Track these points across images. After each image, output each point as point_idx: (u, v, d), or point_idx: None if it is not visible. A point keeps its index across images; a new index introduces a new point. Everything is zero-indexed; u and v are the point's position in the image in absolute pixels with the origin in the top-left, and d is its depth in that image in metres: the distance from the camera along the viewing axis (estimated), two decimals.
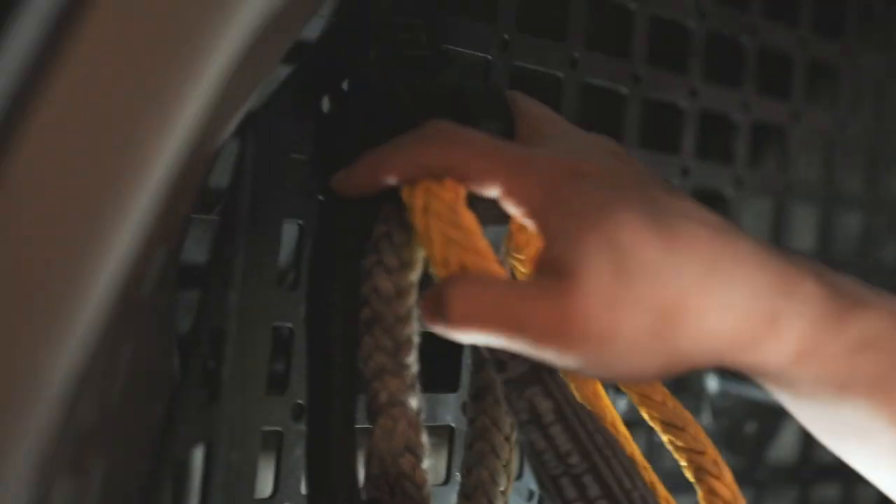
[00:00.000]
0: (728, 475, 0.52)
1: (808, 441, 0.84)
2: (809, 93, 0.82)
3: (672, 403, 0.51)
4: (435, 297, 0.43)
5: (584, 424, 0.44)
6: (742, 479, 0.80)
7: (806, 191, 0.82)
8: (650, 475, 0.53)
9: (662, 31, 0.71)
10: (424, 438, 0.47)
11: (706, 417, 0.76)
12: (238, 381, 0.49)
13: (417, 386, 0.47)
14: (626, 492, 0.43)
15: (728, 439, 0.78)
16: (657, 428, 0.52)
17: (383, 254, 0.47)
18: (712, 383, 0.76)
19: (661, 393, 0.52)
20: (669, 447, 0.52)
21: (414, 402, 0.47)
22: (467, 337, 0.43)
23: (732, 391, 0.76)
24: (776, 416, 0.80)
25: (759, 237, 0.74)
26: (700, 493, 0.52)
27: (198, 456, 0.48)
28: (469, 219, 0.45)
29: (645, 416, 0.52)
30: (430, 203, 0.45)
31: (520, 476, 0.62)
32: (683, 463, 0.53)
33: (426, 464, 0.46)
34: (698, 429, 0.52)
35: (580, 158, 0.45)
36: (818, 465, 0.85)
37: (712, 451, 0.52)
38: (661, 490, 0.53)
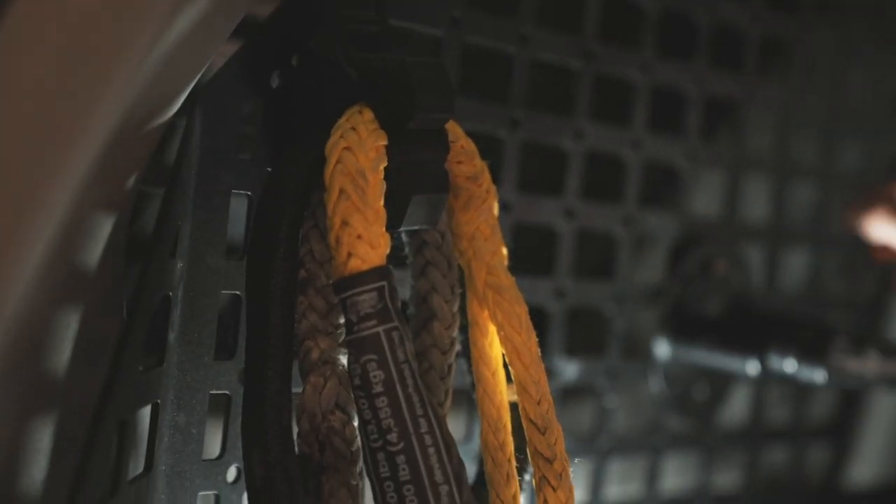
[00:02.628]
0: (567, 490, 0.52)
1: (758, 406, 0.87)
2: (763, 67, 0.83)
3: (546, 406, 0.52)
4: None
5: (411, 405, 0.46)
6: (692, 444, 0.83)
7: (759, 164, 0.84)
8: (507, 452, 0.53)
9: (614, 7, 0.72)
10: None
11: (656, 383, 0.78)
12: (185, 346, 0.51)
13: None
14: (434, 484, 0.45)
15: (678, 405, 0.80)
16: (524, 424, 0.52)
17: (319, 219, 0.50)
18: (662, 349, 0.78)
19: (539, 392, 0.53)
20: (529, 450, 0.52)
21: (345, 361, 0.49)
22: None
23: (683, 357, 0.78)
24: (726, 381, 0.83)
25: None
26: (538, 503, 0.52)
27: (146, 417, 0.50)
28: (375, 183, 0.48)
29: (520, 409, 0.53)
30: (343, 159, 0.48)
31: None
32: (532, 470, 0.52)
33: (356, 421, 0.48)
34: (559, 435, 0.52)
35: None
36: (768, 429, 0.88)
37: (560, 462, 0.52)
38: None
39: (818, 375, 0.72)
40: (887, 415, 0.99)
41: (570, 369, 0.73)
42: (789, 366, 0.74)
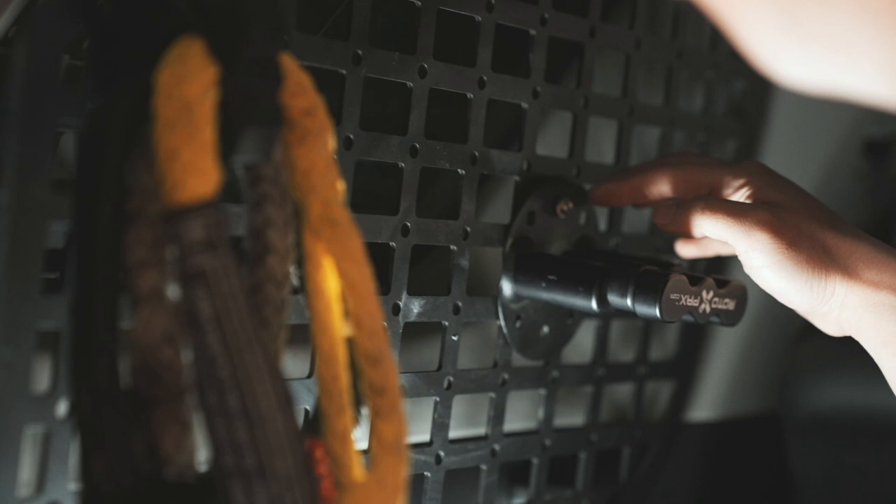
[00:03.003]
0: (398, 421, 0.52)
1: (601, 342, 0.89)
2: (607, 10, 0.85)
3: (380, 339, 0.53)
4: None
5: (240, 338, 0.47)
6: (538, 379, 0.85)
7: (604, 105, 0.86)
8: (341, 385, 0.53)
9: None
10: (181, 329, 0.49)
11: (503, 321, 0.80)
12: (10, 279, 0.50)
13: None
14: (263, 416, 0.46)
15: (524, 341, 0.81)
16: (357, 359, 0.53)
17: (147, 150, 0.49)
18: (508, 287, 0.80)
19: (373, 325, 0.53)
20: (356, 385, 0.53)
21: (173, 294, 0.49)
22: None
23: (528, 295, 0.80)
24: (571, 318, 0.84)
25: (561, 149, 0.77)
26: (370, 434, 0.53)
27: None
28: (204, 113, 0.47)
29: (354, 342, 0.53)
30: (171, 89, 0.48)
31: None
32: (365, 402, 0.53)
33: (184, 354, 0.48)
34: (392, 368, 0.53)
35: None
36: (611, 364, 0.90)
37: (393, 394, 0.52)
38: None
39: (655, 311, 0.75)
40: (727, 352, 1.03)
41: (415, 306, 0.74)
42: (629, 302, 0.76)
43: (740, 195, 0.74)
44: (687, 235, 0.75)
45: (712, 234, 0.72)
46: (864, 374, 0.75)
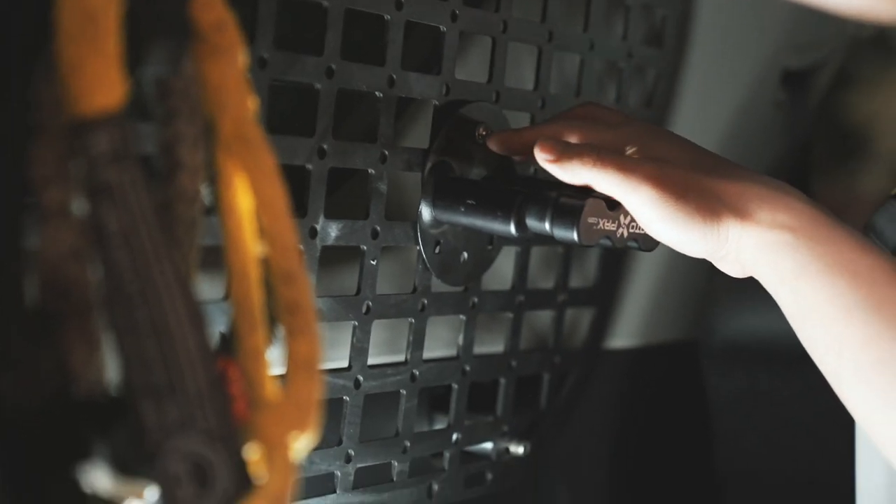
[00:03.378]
0: (312, 340, 0.51)
1: (521, 269, 0.89)
2: None
3: (293, 257, 0.51)
4: None
5: (149, 254, 0.46)
6: (458, 305, 0.85)
7: (524, 30, 0.85)
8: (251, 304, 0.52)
9: None
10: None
11: (422, 246, 0.80)
12: None
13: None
14: (172, 333, 0.46)
15: (443, 267, 0.81)
16: (270, 278, 0.52)
17: (51, 62, 0.48)
18: (427, 212, 0.79)
19: (286, 243, 0.52)
20: (270, 305, 0.52)
21: (78, 210, 0.48)
22: None
23: (447, 220, 0.80)
24: (491, 244, 0.85)
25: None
26: (285, 354, 0.52)
27: None
28: (108, 25, 0.46)
29: (267, 260, 0.53)
30: (76, 1, 0.47)
31: None
32: (279, 321, 0.52)
33: (91, 269, 0.48)
34: (305, 286, 0.52)
35: None
36: (531, 291, 0.91)
37: (306, 313, 0.51)
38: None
39: (573, 234, 0.75)
40: (646, 280, 1.04)
41: (333, 230, 0.73)
42: (547, 226, 0.76)
43: (627, 152, 0.74)
44: (567, 179, 0.73)
45: (600, 189, 0.72)
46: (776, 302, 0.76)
